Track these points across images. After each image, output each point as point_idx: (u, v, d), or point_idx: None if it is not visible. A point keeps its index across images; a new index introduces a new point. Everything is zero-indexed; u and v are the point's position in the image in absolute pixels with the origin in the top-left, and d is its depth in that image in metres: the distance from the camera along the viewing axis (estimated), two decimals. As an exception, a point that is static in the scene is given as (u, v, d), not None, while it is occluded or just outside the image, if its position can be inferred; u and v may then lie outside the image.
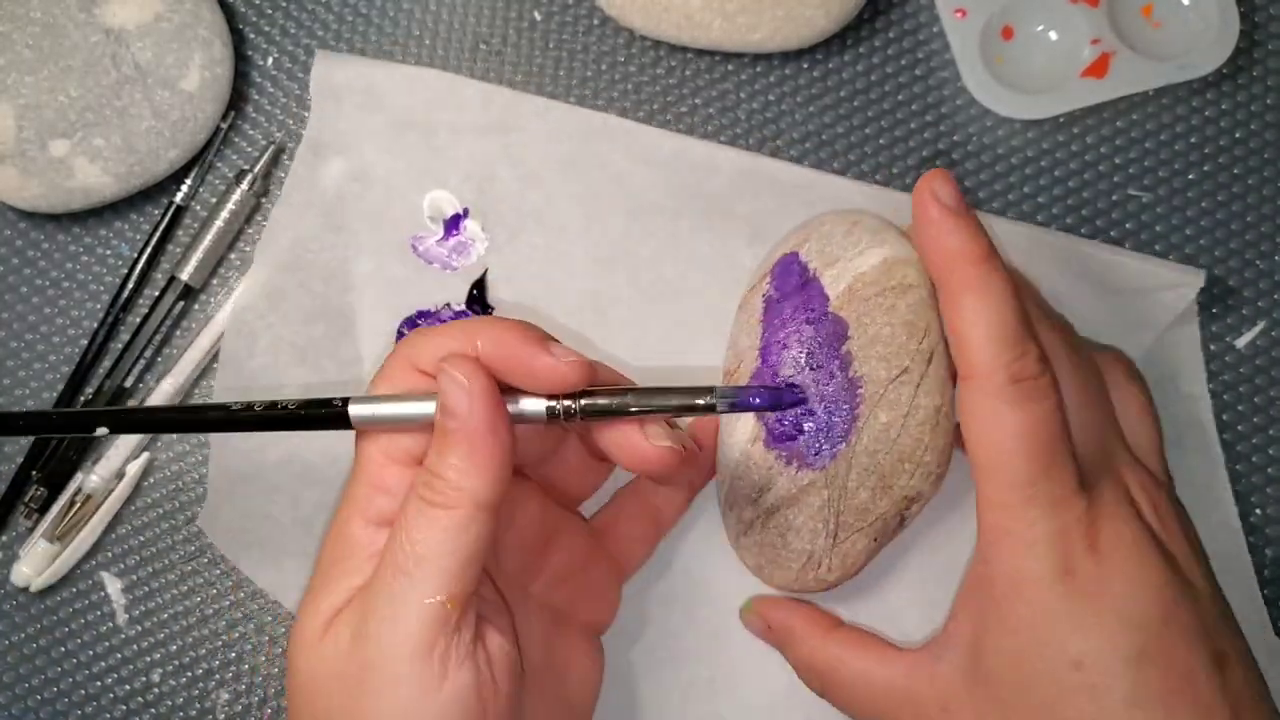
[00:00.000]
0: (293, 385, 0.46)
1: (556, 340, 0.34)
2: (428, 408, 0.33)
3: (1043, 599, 0.34)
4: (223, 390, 0.46)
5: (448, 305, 0.47)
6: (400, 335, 0.47)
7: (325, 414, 0.34)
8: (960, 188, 0.46)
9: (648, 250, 0.47)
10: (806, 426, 0.39)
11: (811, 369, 0.39)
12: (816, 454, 0.39)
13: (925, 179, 0.37)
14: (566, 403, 0.33)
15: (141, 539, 0.47)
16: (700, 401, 0.33)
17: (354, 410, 0.33)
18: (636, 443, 0.34)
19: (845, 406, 0.39)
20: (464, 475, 0.31)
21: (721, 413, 0.36)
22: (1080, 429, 0.36)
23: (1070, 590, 0.34)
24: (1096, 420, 0.38)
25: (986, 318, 0.35)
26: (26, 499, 0.46)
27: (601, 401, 0.33)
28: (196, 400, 0.47)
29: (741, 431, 0.41)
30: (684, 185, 0.46)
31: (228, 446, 0.46)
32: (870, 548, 0.40)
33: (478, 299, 0.47)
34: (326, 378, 0.46)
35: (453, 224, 0.47)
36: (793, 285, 0.41)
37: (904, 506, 0.39)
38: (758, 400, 0.34)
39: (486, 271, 0.47)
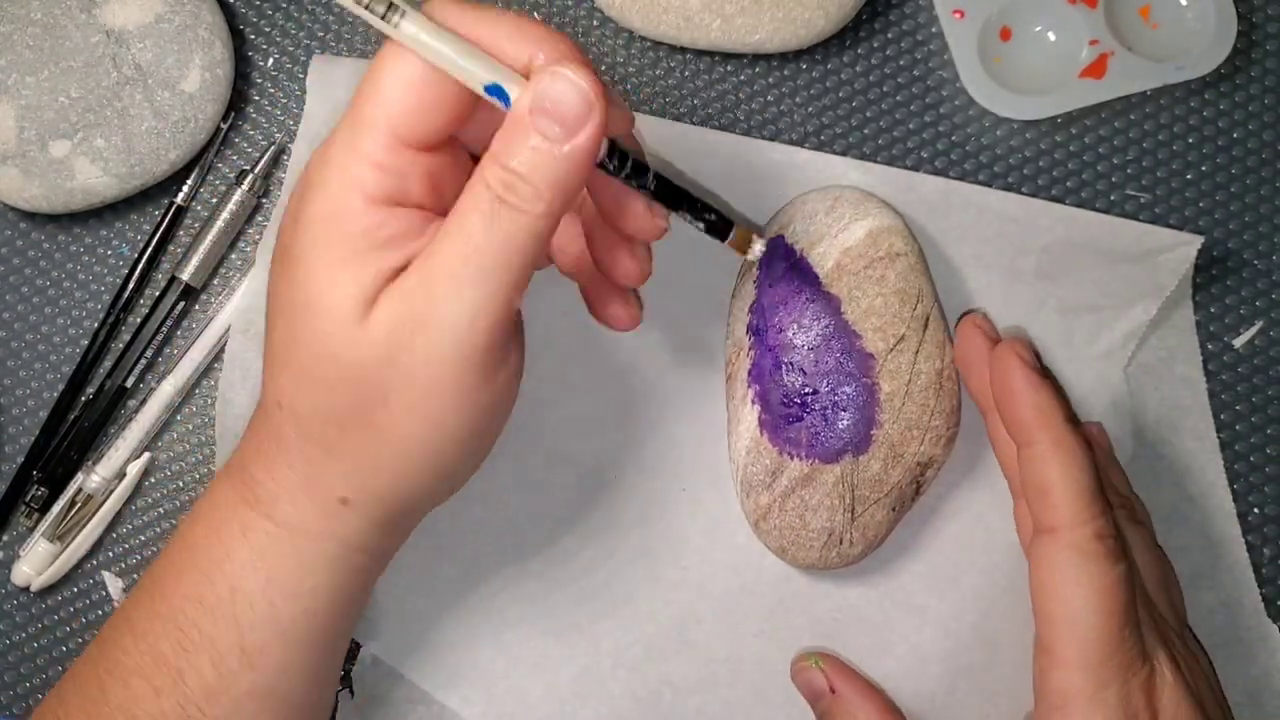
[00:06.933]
0: None
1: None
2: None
3: None
4: (229, 388, 0.46)
5: None
6: None
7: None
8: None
9: None
10: (811, 404, 0.39)
11: (810, 349, 0.40)
12: (823, 442, 0.39)
13: (1009, 345, 0.39)
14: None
15: (142, 539, 0.47)
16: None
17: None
18: (655, 218, 0.35)
19: (849, 383, 0.39)
20: (551, 189, 0.30)
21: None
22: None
23: None
24: (1148, 585, 0.39)
25: (1074, 474, 0.36)
26: (27, 498, 0.46)
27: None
28: (197, 399, 0.47)
29: (749, 418, 0.41)
30: (682, 169, 0.47)
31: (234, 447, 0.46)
32: (890, 518, 0.40)
33: None
34: None
35: None
36: (781, 269, 0.41)
37: (918, 473, 0.40)
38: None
39: None
